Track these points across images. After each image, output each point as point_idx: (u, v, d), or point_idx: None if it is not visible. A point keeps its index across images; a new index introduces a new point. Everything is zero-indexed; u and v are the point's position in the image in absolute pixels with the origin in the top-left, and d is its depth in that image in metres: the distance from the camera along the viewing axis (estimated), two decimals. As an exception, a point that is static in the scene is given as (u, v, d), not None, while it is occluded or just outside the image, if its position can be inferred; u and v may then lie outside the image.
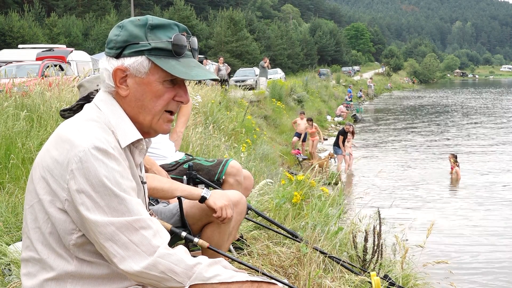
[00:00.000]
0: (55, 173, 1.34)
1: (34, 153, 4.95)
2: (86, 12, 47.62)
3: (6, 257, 2.85)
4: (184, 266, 1.34)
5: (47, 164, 1.36)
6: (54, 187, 1.34)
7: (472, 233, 8.81)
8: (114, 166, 1.34)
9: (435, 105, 41.06)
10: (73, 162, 1.31)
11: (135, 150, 1.49)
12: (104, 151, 1.33)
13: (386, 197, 10.98)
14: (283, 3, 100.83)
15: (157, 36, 1.41)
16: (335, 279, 3.06)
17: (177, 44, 1.41)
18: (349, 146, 14.85)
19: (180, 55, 1.43)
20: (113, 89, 1.45)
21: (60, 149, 1.35)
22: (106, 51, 1.46)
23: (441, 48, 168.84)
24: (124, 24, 1.44)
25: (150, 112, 1.45)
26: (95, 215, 1.30)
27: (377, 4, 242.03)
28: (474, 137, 21.68)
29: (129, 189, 1.35)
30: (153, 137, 1.55)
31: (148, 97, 1.43)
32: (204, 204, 2.43)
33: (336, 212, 4.22)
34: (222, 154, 6.96)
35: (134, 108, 1.45)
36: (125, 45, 1.42)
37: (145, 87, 1.43)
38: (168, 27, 1.44)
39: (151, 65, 1.41)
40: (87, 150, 1.31)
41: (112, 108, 1.44)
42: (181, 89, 1.47)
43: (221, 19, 51.21)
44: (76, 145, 1.32)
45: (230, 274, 1.36)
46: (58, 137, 1.38)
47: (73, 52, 18.15)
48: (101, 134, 1.37)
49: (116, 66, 1.42)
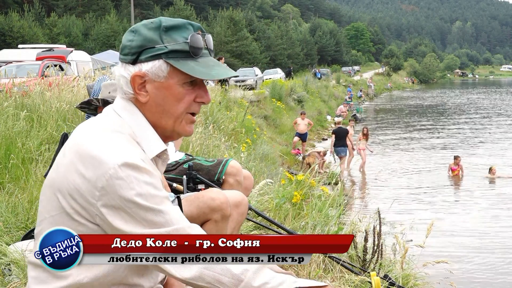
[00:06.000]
0: (83, 188, 1.29)
1: (34, 153, 4.95)
2: (86, 12, 47.62)
3: (6, 257, 2.85)
4: (230, 276, 1.30)
5: (72, 179, 1.31)
6: (82, 202, 1.30)
7: (472, 233, 8.81)
8: (147, 179, 1.30)
9: (435, 105, 41.06)
10: (103, 179, 1.27)
11: (159, 160, 1.46)
12: (135, 166, 1.29)
13: (386, 197, 10.97)
14: (283, 3, 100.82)
15: (172, 38, 1.38)
16: (335, 279, 3.07)
17: (194, 45, 1.38)
18: (362, 148, 14.63)
19: (198, 55, 1.39)
20: (132, 95, 1.41)
21: (87, 165, 1.29)
22: (121, 57, 1.42)
23: (441, 48, 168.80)
24: (137, 28, 1.40)
25: (172, 116, 1.41)
26: (133, 228, 1.28)
27: (377, 4, 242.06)
28: (475, 137, 21.68)
29: (164, 199, 1.32)
30: (175, 140, 1.52)
31: (169, 101, 1.40)
32: (201, 203, 2.43)
33: (336, 212, 4.23)
34: (222, 154, 6.96)
35: (155, 113, 1.41)
36: (141, 50, 1.38)
37: (165, 91, 1.39)
38: (183, 27, 1.40)
39: (169, 68, 1.37)
40: (117, 167, 1.27)
41: (134, 117, 1.41)
42: (202, 90, 1.44)
43: (221, 19, 51.22)
44: (104, 162, 1.28)
45: (278, 281, 1.32)
46: (84, 151, 1.32)
47: (73, 52, 18.11)
48: (128, 147, 1.33)
49: (134, 73, 1.38)
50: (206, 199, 2.46)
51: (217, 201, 2.45)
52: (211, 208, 2.46)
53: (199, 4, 64.28)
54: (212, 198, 2.42)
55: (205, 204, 2.46)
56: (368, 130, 15.18)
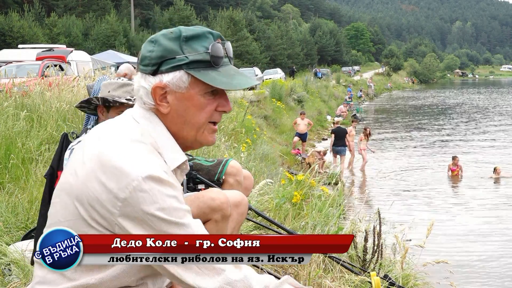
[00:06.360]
0: (103, 198, 1.28)
1: (34, 153, 4.95)
2: (86, 12, 47.57)
3: (6, 257, 2.85)
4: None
5: (93, 188, 1.29)
6: (102, 211, 1.29)
7: (472, 233, 8.81)
8: (170, 192, 1.29)
9: (436, 104, 41.06)
10: (126, 191, 1.26)
11: (178, 171, 1.44)
12: (159, 179, 1.28)
13: (386, 197, 10.97)
14: (283, 3, 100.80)
15: (193, 48, 1.36)
16: (335, 279, 3.07)
17: (215, 55, 1.37)
18: (363, 148, 14.64)
19: (219, 64, 1.38)
20: (152, 106, 1.39)
21: (108, 175, 1.28)
22: (141, 68, 1.40)
23: (441, 48, 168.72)
24: (157, 39, 1.39)
25: (194, 126, 1.40)
26: None
27: (377, 4, 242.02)
28: (475, 136, 21.67)
29: (186, 213, 1.32)
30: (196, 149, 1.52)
31: (190, 111, 1.38)
32: (201, 203, 2.43)
33: (336, 212, 4.23)
34: (222, 154, 6.96)
35: (177, 124, 1.40)
36: (161, 61, 1.36)
37: (186, 102, 1.38)
38: (203, 36, 1.38)
39: (190, 79, 1.36)
40: (141, 180, 1.26)
41: (155, 127, 1.39)
42: (223, 98, 1.43)
43: (221, 19, 51.20)
44: (128, 174, 1.26)
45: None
46: (106, 161, 1.30)
47: (73, 52, 18.10)
48: (152, 159, 1.31)
49: (155, 84, 1.37)
50: (206, 199, 2.45)
51: (217, 201, 2.44)
52: (211, 208, 2.45)
53: (199, 4, 64.24)
54: (212, 198, 2.42)
55: (205, 204, 2.46)
56: (369, 130, 15.20)
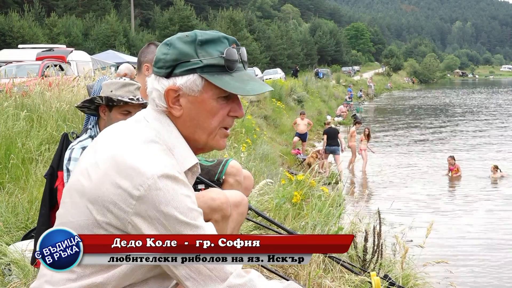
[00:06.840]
0: (117, 197, 1.28)
1: (34, 153, 4.95)
2: (86, 12, 47.57)
3: (6, 257, 2.85)
4: None
5: (107, 190, 1.29)
6: (116, 211, 1.29)
7: (472, 233, 8.81)
8: (184, 191, 1.30)
9: (436, 104, 41.06)
10: (141, 189, 1.26)
11: (189, 173, 1.44)
12: (174, 178, 1.29)
13: (386, 197, 10.97)
14: (283, 3, 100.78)
15: (207, 52, 1.37)
16: (335, 279, 3.07)
17: (230, 60, 1.37)
18: (364, 148, 14.66)
19: (233, 69, 1.38)
20: (165, 108, 1.40)
21: (123, 175, 1.28)
22: (155, 71, 1.41)
23: (441, 48, 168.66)
24: (172, 42, 1.39)
25: (206, 130, 1.41)
26: None
27: (377, 4, 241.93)
28: (475, 136, 21.66)
29: (199, 214, 1.32)
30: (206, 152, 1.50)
31: (203, 115, 1.39)
32: (201, 203, 2.43)
33: (336, 212, 4.23)
34: (222, 154, 6.96)
35: (189, 127, 1.41)
36: (176, 64, 1.37)
37: (199, 106, 1.38)
38: (218, 41, 1.39)
39: (204, 82, 1.37)
40: (156, 178, 1.26)
41: (168, 128, 1.40)
42: (235, 103, 1.43)
43: (221, 19, 51.18)
44: (143, 172, 1.27)
45: None
46: (121, 162, 1.30)
47: (73, 52, 18.12)
48: (166, 159, 1.32)
49: (168, 86, 1.37)
50: (206, 199, 2.45)
51: (217, 201, 2.44)
52: (212, 208, 2.44)
53: (199, 4, 64.25)
54: (212, 198, 2.42)
55: (205, 204, 2.45)
56: (369, 131, 15.21)
